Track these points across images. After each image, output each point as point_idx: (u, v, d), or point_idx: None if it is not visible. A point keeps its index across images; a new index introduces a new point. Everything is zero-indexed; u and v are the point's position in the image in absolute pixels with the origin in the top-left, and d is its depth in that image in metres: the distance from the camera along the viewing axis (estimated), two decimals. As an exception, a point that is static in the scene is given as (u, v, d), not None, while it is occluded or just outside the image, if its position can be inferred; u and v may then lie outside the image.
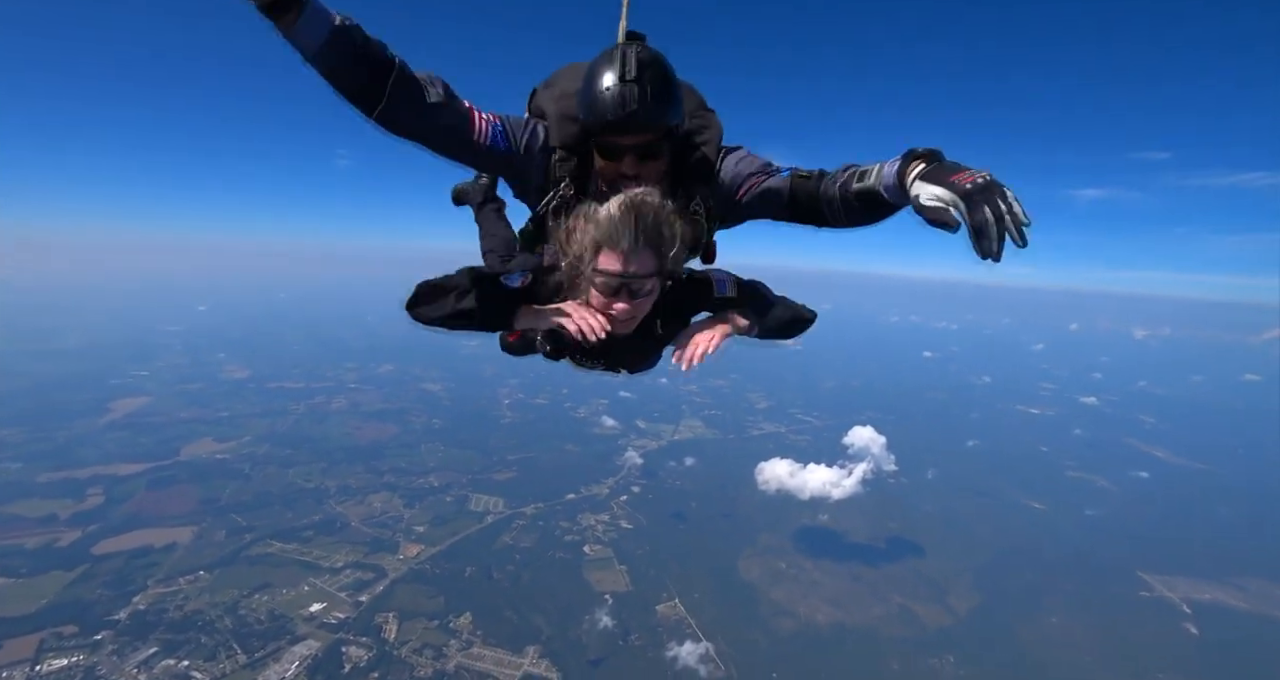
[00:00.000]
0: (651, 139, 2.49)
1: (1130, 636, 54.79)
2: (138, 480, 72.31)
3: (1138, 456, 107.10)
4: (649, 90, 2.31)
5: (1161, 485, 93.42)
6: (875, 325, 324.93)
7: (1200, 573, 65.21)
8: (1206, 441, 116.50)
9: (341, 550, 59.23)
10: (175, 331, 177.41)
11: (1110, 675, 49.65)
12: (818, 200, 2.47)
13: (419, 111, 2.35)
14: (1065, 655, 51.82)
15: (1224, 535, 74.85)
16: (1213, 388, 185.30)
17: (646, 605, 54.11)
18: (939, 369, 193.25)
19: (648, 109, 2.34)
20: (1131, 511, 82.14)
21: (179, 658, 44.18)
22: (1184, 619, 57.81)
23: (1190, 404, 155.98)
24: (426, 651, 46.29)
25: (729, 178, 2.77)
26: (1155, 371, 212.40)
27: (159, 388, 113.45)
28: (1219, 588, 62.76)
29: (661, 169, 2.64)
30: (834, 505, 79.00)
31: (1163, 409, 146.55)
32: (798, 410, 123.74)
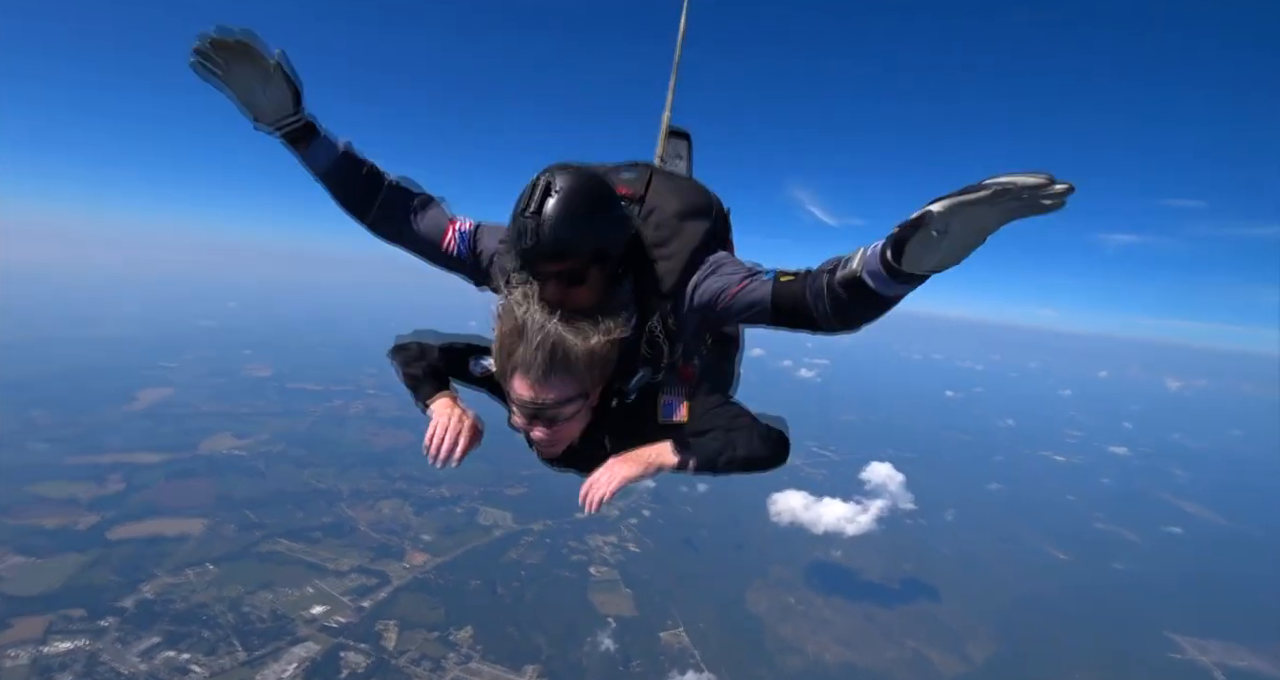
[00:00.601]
0: (569, 266, 2.35)
1: None
2: (157, 470, 73.40)
3: (1170, 511, 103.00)
4: (549, 223, 2.22)
5: (1194, 543, 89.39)
6: (898, 361, 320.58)
7: (1235, 636, 61.70)
8: (1244, 499, 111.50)
9: (348, 554, 59.09)
10: (205, 326, 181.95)
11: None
12: (804, 302, 2.24)
13: (398, 226, 2.81)
14: (1087, 717, 49.37)
15: (1262, 598, 70.82)
16: (1252, 443, 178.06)
17: (650, 631, 52.88)
18: (961, 409, 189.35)
19: (547, 241, 2.25)
20: (1162, 568, 78.44)
21: (180, 650, 44.14)
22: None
23: (1227, 459, 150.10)
24: (424, 663, 45.64)
25: (700, 290, 2.57)
26: (1190, 424, 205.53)
27: (184, 380, 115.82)
28: (1255, 654, 59.16)
29: (595, 292, 2.49)
30: (848, 541, 77.06)
31: (1197, 463, 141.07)
32: (814, 443, 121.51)
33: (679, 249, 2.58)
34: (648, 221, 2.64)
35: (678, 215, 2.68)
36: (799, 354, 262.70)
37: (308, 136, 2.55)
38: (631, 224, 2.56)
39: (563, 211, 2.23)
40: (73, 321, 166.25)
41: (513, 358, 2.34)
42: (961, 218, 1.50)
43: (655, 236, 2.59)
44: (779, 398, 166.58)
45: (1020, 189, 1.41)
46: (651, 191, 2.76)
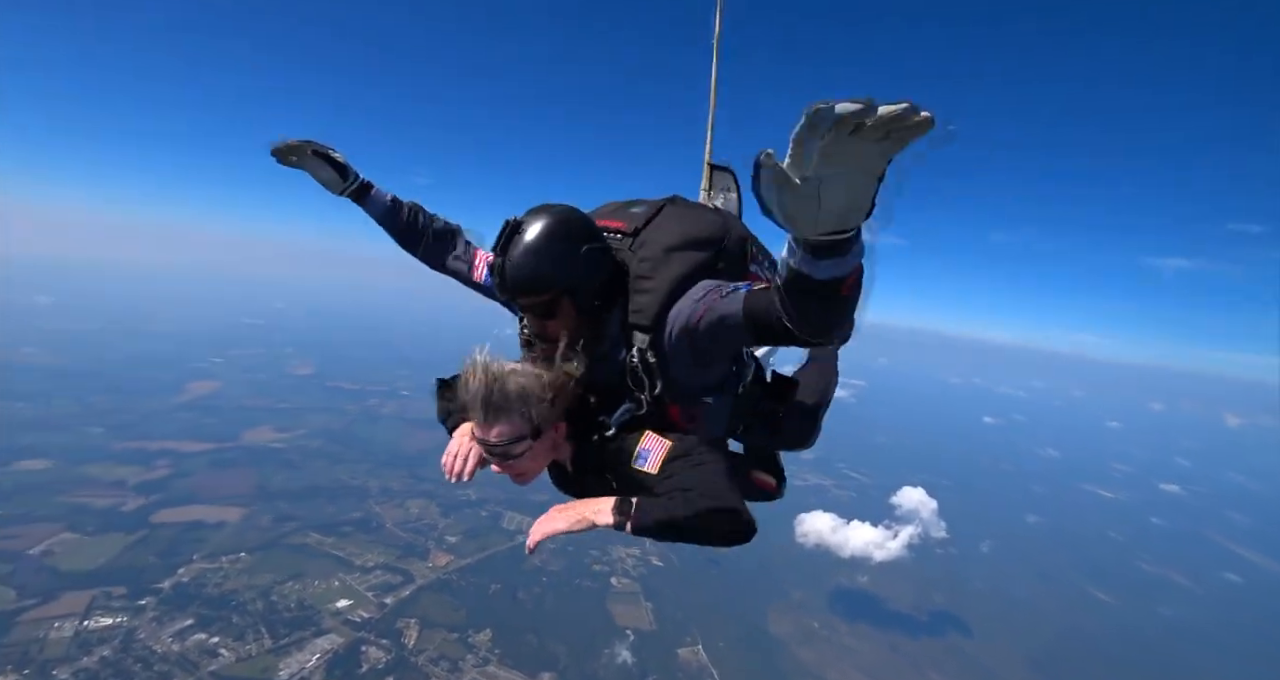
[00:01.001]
0: (537, 301, 2.50)
1: None
2: (200, 458, 76.36)
3: (1226, 556, 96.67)
4: (512, 261, 2.42)
5: (1252, 591, 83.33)
6: (934, 385, 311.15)
7: None
8: None
9: (375, 550, 60.16)
10: (252, 324, 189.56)
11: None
12: (775, 310, 2.00)
13: (441, 260, 3.40)
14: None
15: None
16: None
17: (668, 647, 52.17)
18: (1001, 437, 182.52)
19: (510, 278, 2.45)
20: (1215, 617, 73.52)
21: (210, 633, 45.47)
22: None
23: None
24: (443, 663, 45.91)
25: (675, 314, 2.48)
26: (1251, 464, 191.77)
27: (231, 375, 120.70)
28: None
29: (568, 324, 2.58)
30: (876, 567, 74.85)
31: (1259, 507, 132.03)
32: (845, 465, 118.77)
33: (661, 280, 2.53)
34: (636, 254, 2.64)
35: (667, 248, 2.65)
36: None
37: (364, 195, 3.28)
38: (608, 258, 2.58)
39: (525, 249, 2.42)
40: (129, 316, 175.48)
41: (462, 396, 2.47)
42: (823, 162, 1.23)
43: (639, 269, 2.59)
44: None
45: (829, 115, 1.14)
46: (652, 225, 2.77)
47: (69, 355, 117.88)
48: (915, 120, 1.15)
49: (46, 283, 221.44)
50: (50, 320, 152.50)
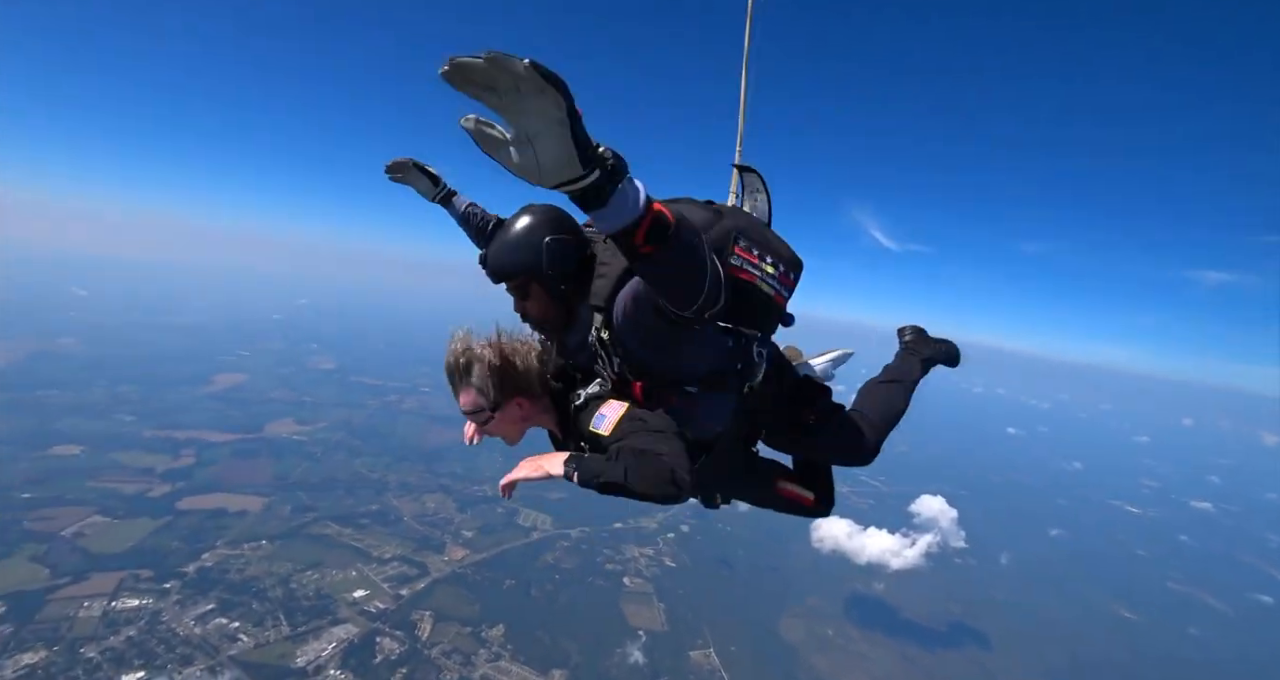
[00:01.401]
0: (512, 284, 3.00)
1: None
2: (225, 448, 78.14)
3: (1260, 578, 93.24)
4: (490, 251, 2.97)
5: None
6: (958, 393, 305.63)
7: None
8: None
9: (392, 542, 60.94)
10: (277, 319, 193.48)
11: None
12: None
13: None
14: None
15: None
16: None
17: (679, 649, 51.93)
18: (1023, 448, 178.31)
19: (488, 266, 3.02)
20: (1248, 640, 70.94)
21: (231, 618, 46.44)
22: None
23: None
24: (455, 656, 46.27)
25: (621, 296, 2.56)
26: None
27: (256, 367, 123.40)
28: None
29: (541, 304, 2.99)
30: (892, 575, 73.81)
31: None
32: (863, 472, 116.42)
33: (615, 265, 2.65)
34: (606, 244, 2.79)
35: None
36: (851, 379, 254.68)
37: (449, 200, 3.97)
38: (578, 249, 2.86)
39: (499, 240, 2.91)
40: (160, 309, 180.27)
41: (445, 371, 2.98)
42: (509, 122, 1.35)
43: (602, 256, 2.76)
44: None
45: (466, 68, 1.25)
46: None
47: (103, 346, 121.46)
48: (519, 70, 1.22)
49: (84, 276, 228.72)
50: (86, 312, 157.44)
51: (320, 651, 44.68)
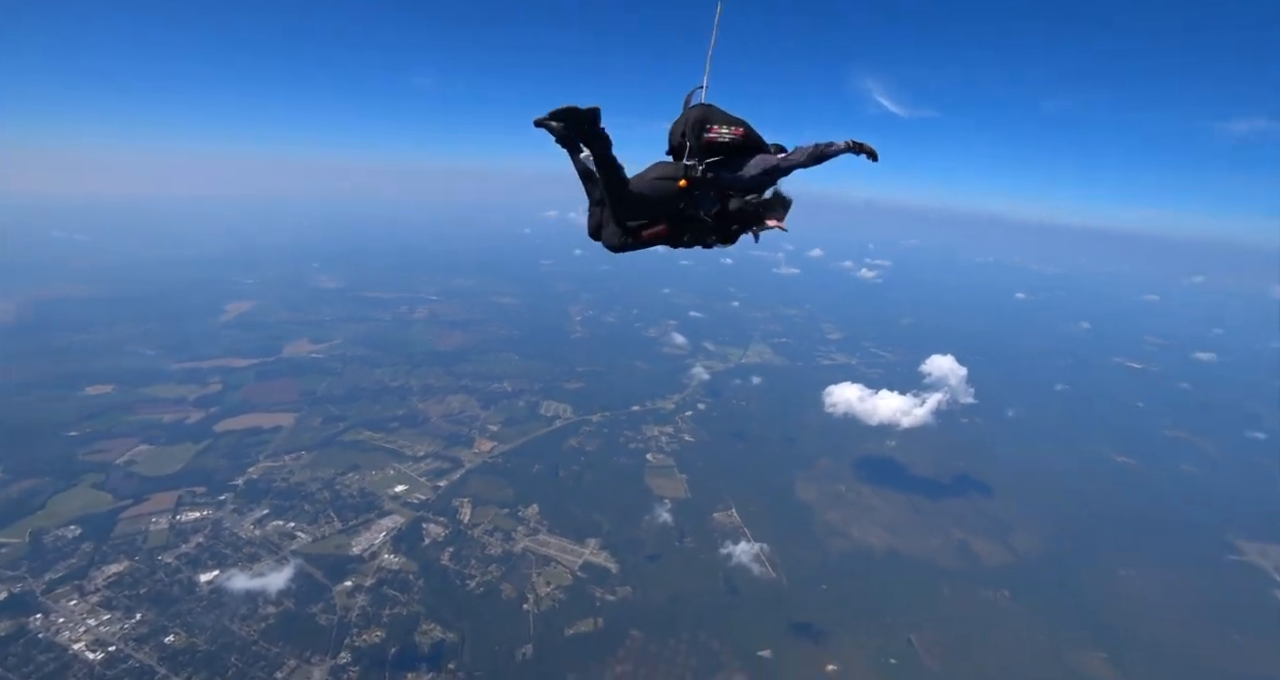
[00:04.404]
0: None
1: (1211, 597, 51.30)
2: (248, 372, 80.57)
3: (1252, 417, 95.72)
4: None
5: (1274, 451, 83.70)
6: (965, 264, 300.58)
7: None
8: None
9: (423, 441, 64.35)
10: (275, 244, 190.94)
11: (1183, 629, 46.96)
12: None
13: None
14: (1134, 607, 49.21)
15: None
16: None
17: (703, 513, 55.94)
18: (1032, 311, 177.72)
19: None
20: (1233, 474, 74.94)
21: (286, 520, 50.49)
22: (1274, 586, 53.74)
23: None
24: (497, 534, 50.38)
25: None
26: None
27: (264, 293, 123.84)
28: None
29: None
30: (902, 434, 77.44)
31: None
32: (871, 344, 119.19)
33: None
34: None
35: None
36: (860, 254, 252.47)
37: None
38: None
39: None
40: (160, 245, 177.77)
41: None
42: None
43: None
44: (833, 299, 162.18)
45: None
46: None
47: (112, 286, 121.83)
48: None
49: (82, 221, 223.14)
50: (91, 256, 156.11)
51: (373, 540, 48.89)
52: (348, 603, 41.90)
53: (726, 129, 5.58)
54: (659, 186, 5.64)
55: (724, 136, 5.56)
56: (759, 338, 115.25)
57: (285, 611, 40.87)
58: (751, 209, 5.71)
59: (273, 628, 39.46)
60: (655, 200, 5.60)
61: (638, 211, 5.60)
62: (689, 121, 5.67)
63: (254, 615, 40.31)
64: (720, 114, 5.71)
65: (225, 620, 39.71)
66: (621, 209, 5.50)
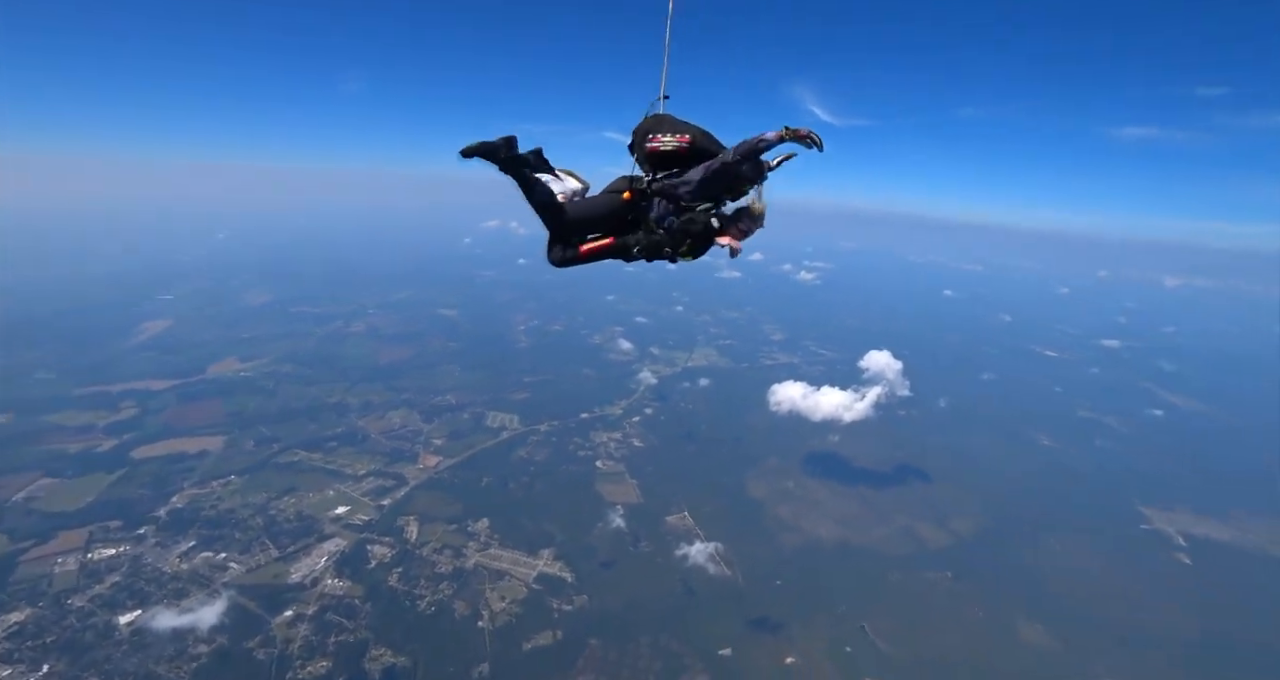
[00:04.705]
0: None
1: (1126, 563, 56.28)
2: (168, 394, 75.06)
3: (1152, 398, 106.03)
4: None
5: (1172, 426, 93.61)
6: (899, 264, 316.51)
7: (1198, 508, 66.45)
8: (1224, 388, 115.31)
9: (363, 460, 61.67)
10: (195, 258, 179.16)
11: (1105, 597, 51.04)
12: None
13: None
14: (1063, 577, 53.10)
15: (1224, 474, 75.19)
16: (1242, 338, 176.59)
17: (656, 517, 56.07)
18: (960, 307, 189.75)
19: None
20: (1138, 449, 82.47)
21: (216, 550, 47.19)
22: (1177, 550, 59.41)
23: (1216, 352, 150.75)
24: (446, 551, 48.78)
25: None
26: (1184, 319, 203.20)
27: (184, 311, 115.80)
28: (1213, 522, 63.96)
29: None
30: (845, 427, 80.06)
31: (1185, 355, 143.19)
32: (812, 343, 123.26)
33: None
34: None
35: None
36: (798, 258, 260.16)
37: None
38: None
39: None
40: (67, 261, 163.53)
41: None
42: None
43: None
44: (776, 301, 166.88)
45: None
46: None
47: (18, 307, 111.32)
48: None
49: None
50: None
51: (314, 566, 46.33)
52: (288, 634, 39.56)
53: (670, 137, 5.40)
54: (607, 201, 5.55)
55: (667, 145, 5.41)
56: (704, 341, 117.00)
57: (219, 648, 38.16)
58: (699, 224, 5.44)
59: (205, 667, 36.76)
60: (601, 215, 5.49)
61: (581, 228, 5.47)
62: (636, 132, 5.62)
63: (183, 655, 37.41)
64: (670, 122, 5.56)
65: (150, 663, 36.73)
66: (561, 228, 5.36)
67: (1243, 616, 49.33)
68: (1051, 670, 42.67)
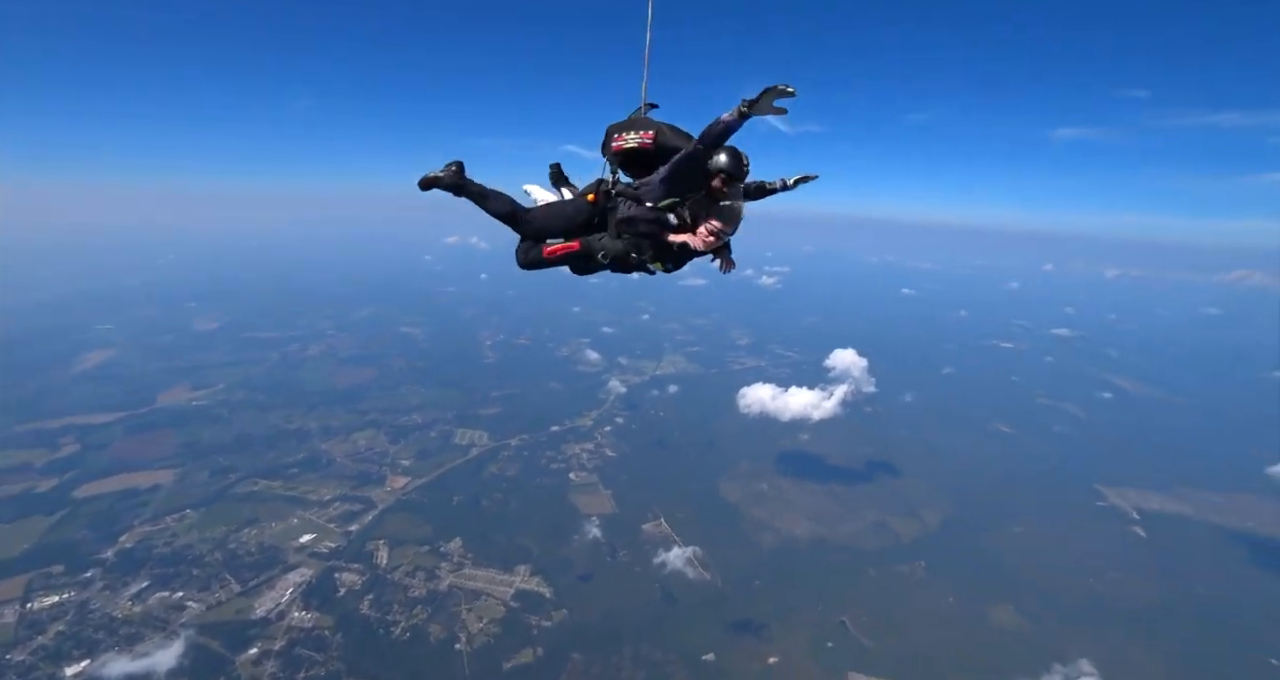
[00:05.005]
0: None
1: (1086, 540, 58.67)
2: (114, 428, 71.18)
3: (1102, 382, 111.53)
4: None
5: (1121, 408, 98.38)
6: (857, 265, 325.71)
7: (1149, 484, 69.98)
8: (1163, 369, 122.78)
9: (328, 485, 59.51)
10: (139, 284, 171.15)
11: (1068, 573, 53.10)
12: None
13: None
14: (1028, 558, 55.05)
15: (1172, 452, 79.46)
16: (1177, 322, 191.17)
17: (632, 526, 55.63)
18: (918, 304, 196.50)
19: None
20: (1092, 432, 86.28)
21: (172, 590, 44.65)
22: (1133, 524, 62.45)
23: (1155, 336, 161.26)
24: (419, 574, 47.34)
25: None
26: (1125, 307, 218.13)
27: (127, 339, 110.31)
28: (1165, 497, 67.59)
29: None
30: (815, 426, 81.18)
31: (1129, 341, 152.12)
32: (778, 346, 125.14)
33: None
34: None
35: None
36: (760, 263, 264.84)
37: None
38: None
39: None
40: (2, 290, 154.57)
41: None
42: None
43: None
44: (740, 305, 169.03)
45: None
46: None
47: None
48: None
49: None
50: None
51: (279, 599, 44.30)
52: (255, 672, 37.69)
53: (634, 134, 5.18)
54: (574, 205, 5.48)
55: (630, 142, 5.18)
56: (672, 348, 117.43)
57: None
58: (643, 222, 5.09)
59: (163, 714, 34.70)
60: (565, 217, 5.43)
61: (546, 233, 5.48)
62: (606, 132, 5.49)
63: (139, 702, 35.27)
64: (640, 122, 5.40)
65: (101, 714, 34.46)
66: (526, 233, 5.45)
67: (1193, 580, 52.96)
68: (1022, 648, 44.05)
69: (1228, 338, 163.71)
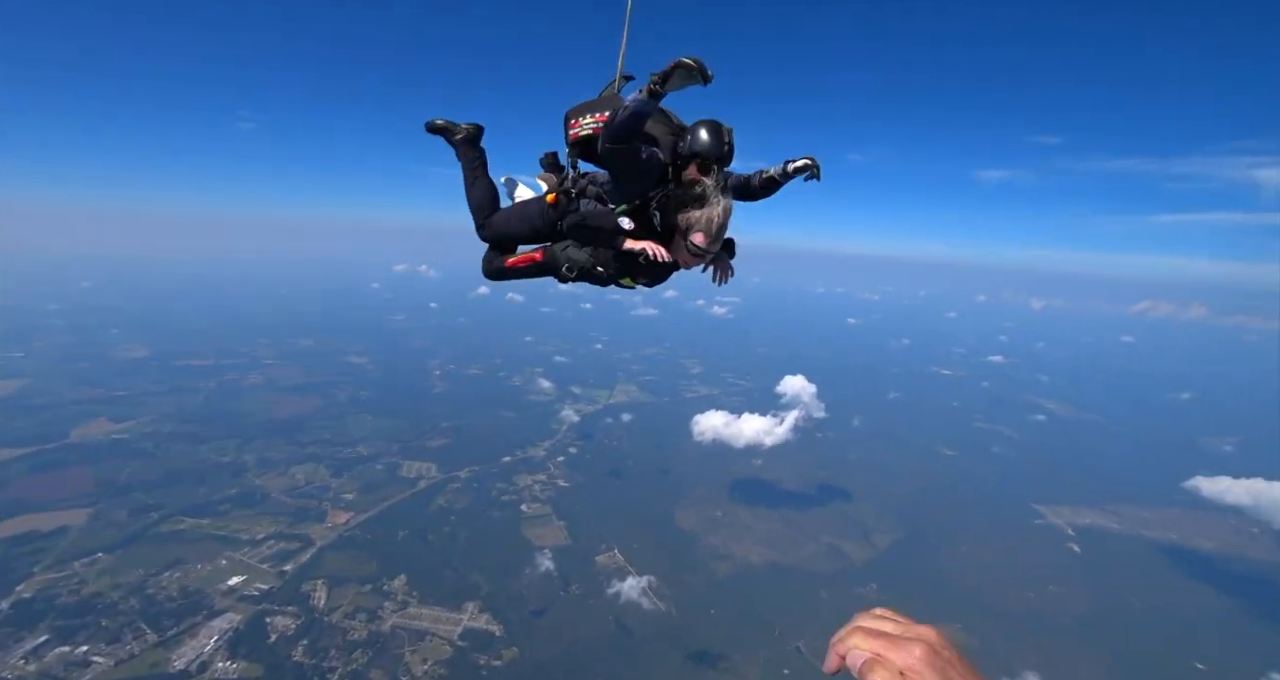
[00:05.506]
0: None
1: (1026, 556, 61.31)
2: (18, 464, 65.20)
3: (1035, 407, 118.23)
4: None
5: (1052, 430, 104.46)
6: (803, 296, 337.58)
7: (1082, 501, 74.17)
8: (1088, 393, 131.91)
9: (262, 522, 55.83)
10: (56, 310, 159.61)
11: (1011, 589, 55.25)
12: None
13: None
14: (974, 576, 57.02)
15: (1100, 471, 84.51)
16: (1098, 349, 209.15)
17: (585, 557, 54.41)
18: (863, 333, 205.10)
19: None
20: (1027, 453, 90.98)
21: (75, 644, 40.50)
22: (1068, 540, 65.79)
23: (1080, 363, 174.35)
24: (360, 615, 44.70)
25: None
26: (1051, 336, 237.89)
27: (40, 369, 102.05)
28: (1096, 513, 71.71)
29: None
30: (768, 452, 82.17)
31: (1057, 367, 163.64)
32: (730, 374, 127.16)
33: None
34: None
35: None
36: (710, 293, 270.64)
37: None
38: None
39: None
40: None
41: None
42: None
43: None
44: (691, 336, 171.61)
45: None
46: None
47: None
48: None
49: None
50: None
51: (201, 648, 40.81)
52: (169, 731, 34.42)
53: (589, 118, 4.16)
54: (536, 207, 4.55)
55: (585, 129, 4.18)
56: (625, 377, 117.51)
57: (78, 759, 32.51)
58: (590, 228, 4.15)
59: (59, 784, 31.13)
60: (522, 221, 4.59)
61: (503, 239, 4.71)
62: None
63: (30, 773, 31.53)
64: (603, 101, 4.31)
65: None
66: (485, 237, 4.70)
67: (1125, 591, 56.22)
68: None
69: (1142, 364, 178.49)
